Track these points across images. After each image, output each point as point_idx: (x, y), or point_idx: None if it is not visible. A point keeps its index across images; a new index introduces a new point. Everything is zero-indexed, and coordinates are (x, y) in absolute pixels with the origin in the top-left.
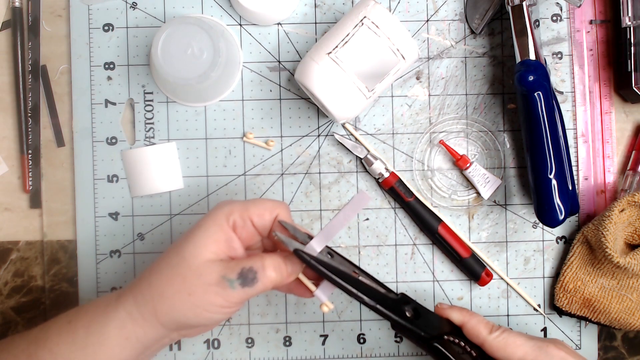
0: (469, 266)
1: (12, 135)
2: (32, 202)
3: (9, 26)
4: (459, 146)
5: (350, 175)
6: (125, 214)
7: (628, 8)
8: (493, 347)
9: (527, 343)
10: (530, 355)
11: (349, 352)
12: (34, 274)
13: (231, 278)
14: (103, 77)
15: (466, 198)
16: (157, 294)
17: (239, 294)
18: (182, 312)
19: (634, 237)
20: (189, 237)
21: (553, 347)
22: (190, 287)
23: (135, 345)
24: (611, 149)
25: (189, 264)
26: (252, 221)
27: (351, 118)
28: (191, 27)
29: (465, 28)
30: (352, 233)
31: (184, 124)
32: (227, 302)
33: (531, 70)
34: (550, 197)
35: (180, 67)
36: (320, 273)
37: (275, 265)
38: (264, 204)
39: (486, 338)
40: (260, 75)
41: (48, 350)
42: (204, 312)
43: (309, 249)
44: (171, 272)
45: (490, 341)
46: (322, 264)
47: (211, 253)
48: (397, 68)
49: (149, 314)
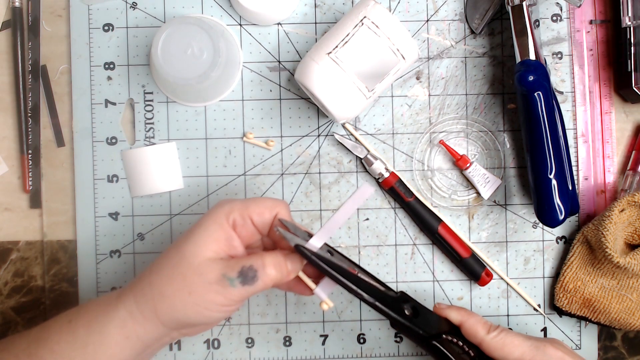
0: (469, 266)
1: (12, 135)
2: (32, 202)
3: (9, 26)
4: (459, 146)
5: (350, 175)
6: (125, 214)
7: (628, 8)
8: (491, 347)
9: (525, 343)
10: (528, 355)
11: (349, 352)
12: (34, 274)
13: (231, 276)
14: (103, 77)
15: (466, 198)
16: (157, 293)
17: (240, 292)
18: (182, 310)
19: (634, 237)
20: (189, 236)
21: (551, 346)
22: (190, 286)
23: (136, 344)
24: (611, 149)
25: (189, 262)
26: (252, 220)
27: (351, 118)
28: (191, 27)
29: (465, 28)
30: (352, 233)
31: (184, 124)
32: (228, 300)
33: (531, 70)
34: (550, 197)
35: (180, 67)
36: (321, 269)
37: (276, 263)
38: (264, 202)
39: (484, 338)
40: (260, 75)
41: (48, 350)
42: (204, 310)
43: (310, 245)
44: (171, 271)
45: (488, 341)
46: (322, 260)
47: (211, 252)
48: (397, 68)
49: (150, 312)
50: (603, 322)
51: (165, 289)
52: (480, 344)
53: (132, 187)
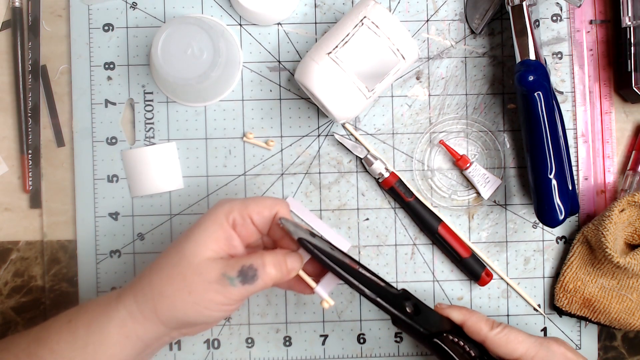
0: (469, 266)
1: (12, 135)
2: (32, 202)
3: (9, 26)
4: (459, 146)
5: (350, 175)
6: (125, 214)
7: (628, 8)
8: (495, 344)
9: (529, 339)
10: (532, 350)
11: (349, 352)
12: (34, 274)
13: (231, 276)
14: (103, 77)
15: (466, 198)
16: (157, 293)
17: (240, 292)
18: (182, 310)
19: (634, 237)
20: (189, 236)
21: (554, 343)
22: (190, 285)
23: (136, 344)
24: (611, 149)
25: (189, 262)
26: (252, 219)
27: (351, 118)
28: (191, 27)
29: (465, 28)
30: (352, 233)
31: (184, 124)
32: (228, 299)
33: (531, 70)
34: (550, 197)
35: (180, 67)
36: (324, 264)
37: (276, 263)
38: (264, 201)
39: (487, 335)
40: (260, 75)
41: (48, 349)
42: (204, 310)
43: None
44: (171, 271)
45: (492, 337)
46: (325, 254)
47: (211, 251)
48: (397, 68)
49: (150, 312)
50: (603, 322)
51: (165, 289)
52: (484, 341)
53: (132, 187)
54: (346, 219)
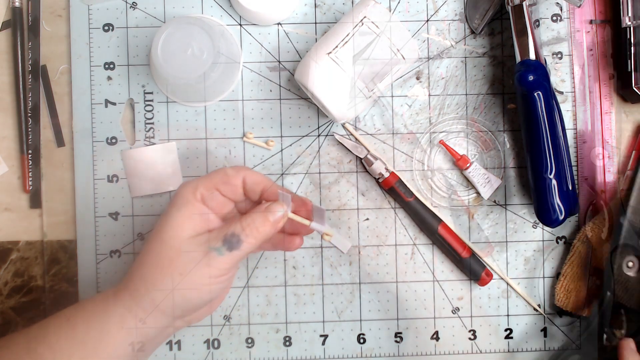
0: (469, 266)
1: (12, 135)
2: (32, 202)
3: (9, 26)
4: (459, 146)
5: (350, 175)
6: (125, 214)
7: (628, 8)
8: None
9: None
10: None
11: (349, 352)
12: (34, 274)
13: (217, 246)
14: (103, 77)
15: (466, 198)
16: (151, 285)
17: (229, 259)
18: (180, 294)
19: None
20: (165, 222)
21: None
22: (180, 268)
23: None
24: (611, 149)
25: (171, 246)
26: (220, 190)
27: (351, 118)
28: (191, 27)
29: (465, 28)
30: (352, 233)
31: (184, 124)
32: (220, 270)
33: (531, 70)
34: (550, 197)
35: (180, 67)
36: None
37: (254, 221)
38: (225, 170)
39: None
40: (260, 75)
41: (48, 347)
42: (201, 287)
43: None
44: (157, 260)
45: None
46: None
47: (189, 230)
48: (397, 68)
49: (150, 306)
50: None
51: (157, 279)
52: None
53: (132, 187)
54: (346, 219)
